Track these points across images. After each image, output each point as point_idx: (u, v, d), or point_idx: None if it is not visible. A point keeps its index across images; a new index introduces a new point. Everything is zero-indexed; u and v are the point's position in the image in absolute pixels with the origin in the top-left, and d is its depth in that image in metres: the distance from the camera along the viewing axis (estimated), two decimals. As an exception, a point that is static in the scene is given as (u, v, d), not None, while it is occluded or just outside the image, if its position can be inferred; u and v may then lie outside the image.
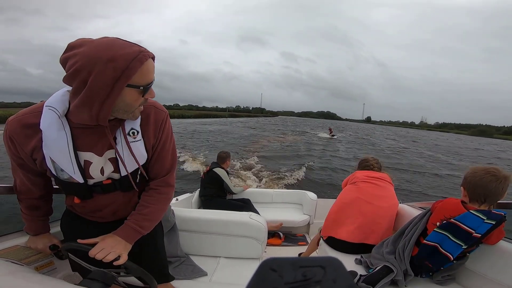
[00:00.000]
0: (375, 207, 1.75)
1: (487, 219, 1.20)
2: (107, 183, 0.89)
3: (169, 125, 0.97)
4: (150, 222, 0.95)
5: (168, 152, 0.98)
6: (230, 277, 1.53)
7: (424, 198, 6.50)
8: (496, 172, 1.26)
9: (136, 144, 0.88)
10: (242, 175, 7.42)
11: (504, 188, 1.24)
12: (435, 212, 1.39)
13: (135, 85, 0.73)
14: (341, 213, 1.82)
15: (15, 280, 0.78)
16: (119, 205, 0.96)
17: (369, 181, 1.86)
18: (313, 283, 0.18)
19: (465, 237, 1.21)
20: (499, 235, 1.25)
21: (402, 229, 1.52)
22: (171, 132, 0.99)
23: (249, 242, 1.70)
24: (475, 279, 1.31)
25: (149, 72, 0.74)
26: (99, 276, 0.84)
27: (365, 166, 2.01)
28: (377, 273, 1.36)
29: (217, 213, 1.81)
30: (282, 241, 2.76)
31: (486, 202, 1.27)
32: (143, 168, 0.93)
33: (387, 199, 1.82)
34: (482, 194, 1.26)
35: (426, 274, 1.38)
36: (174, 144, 1.02)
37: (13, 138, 0.79)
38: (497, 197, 1.26)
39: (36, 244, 1.04)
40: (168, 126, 0.96)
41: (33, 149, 0.80)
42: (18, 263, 1.01)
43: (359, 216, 1.74)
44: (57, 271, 1.18)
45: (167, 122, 0.95)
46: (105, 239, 0.87)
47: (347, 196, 1.87)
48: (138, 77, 0.72)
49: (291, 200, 3.24)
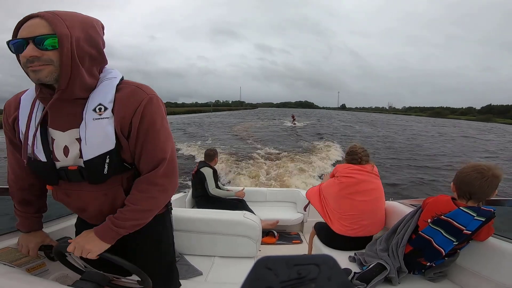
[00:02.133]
0: (356, 202, 1.77)
1: (477, 215, 1.21)
2: (72, 169, 0.81)
3: (154, 111, 0.83)
4: (128, 222, 0.83)
5: (155, 144, 0.84)
6: (225, 276, 1.54)
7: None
8: (484, 169, 1.24)
9: (102, 123, 0.77)
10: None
11: (490, 187, 1.23)
12: (426, 209, 1.41)
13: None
14: (327, 207, 1.87)
15: (6, 282, 0.77)
16: (102, 204, 0.87)
17: (350, 175, 1.83)
18: (308, 281, 0.18)
19: (456, 233, 1.23)
20: (489, 231, 1.27)
21: (394, 226, 1.54)
22: (159, 121, 0.84)
23: (244, 241, 1.70)
24: (466, 275, 1.33)
25: (22, 29, 0.70)
26: (93, 277, 0.83)
27: (353, 159, 1.91)
28: (371, 271, 1.37)
29: (211, 212, 1.80)
30: (276, 239, 2.77)
31: (472, 199, 1.28)
32: (116, 156, 0.81)
33: (369, 192, 1.81)
34: (468, 191, 1.27)
35: (418, 271, 1.40)
36: (165, 137, 0.87)
37: (5, 109, 0.87)
38: (483, 195, 1.26)
39: (28, 242, 0.98)
40: (151, 112, 0.82)
41: (14, 120, 0.85)
42: (9, 265, 1.00)
43: (341, 210, 1.79)
44: (49, 272, 1.16)
45: (148, 106, 0.81)
46: (83, 235, 0.85)
47: (329, 190, 1.90)
48: (18, 35, 0.71)
49: (284, 199, 3.25)
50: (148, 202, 0.86)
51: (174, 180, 0.91)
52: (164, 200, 0.92)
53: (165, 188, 0.88)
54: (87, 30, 0.75)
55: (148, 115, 0.81)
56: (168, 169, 0.87)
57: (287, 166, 7.63)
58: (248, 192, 3.23)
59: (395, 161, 10.29)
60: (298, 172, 7.14)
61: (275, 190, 3.44)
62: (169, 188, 0.90)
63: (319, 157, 9.26)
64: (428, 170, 8.98)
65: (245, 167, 7.76)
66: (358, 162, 1.89)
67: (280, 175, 6.66)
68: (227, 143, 12.64)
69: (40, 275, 1.11)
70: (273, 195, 3.28)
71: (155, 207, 0.89)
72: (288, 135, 16.66)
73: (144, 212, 0.87)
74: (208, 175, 2.89)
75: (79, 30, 0.73)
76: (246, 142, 13.23)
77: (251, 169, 7.47)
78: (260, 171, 7.29)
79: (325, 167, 7.75)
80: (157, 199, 0.88)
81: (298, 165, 7.76)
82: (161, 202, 0.91)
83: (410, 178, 7.93)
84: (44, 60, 0.69)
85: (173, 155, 0.90)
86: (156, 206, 0.89)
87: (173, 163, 0.89)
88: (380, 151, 12.59)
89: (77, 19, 0.74)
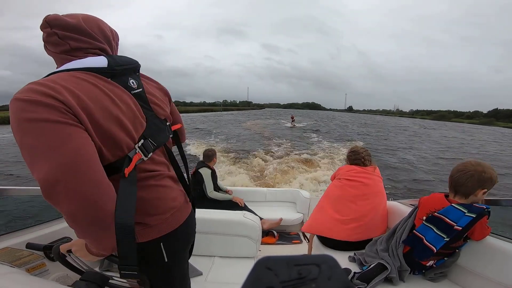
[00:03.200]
0: (359, 206, 1.75)
1: (468, 212, 1.24)
2: None
3: (12, 119, 0.58)
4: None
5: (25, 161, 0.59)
6: (225, 276, 1.53)
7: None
8: (468, 165, 1.29)
9: None
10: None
11: (470, 181, 1.26)
12: (421, 207, 1.44)
13: None
14: (326, 211, 1.83)
15: (6, 282, 0.77)
16: None
17: (353, 178, 1.82)
18: (309, 281, 0.18)
19: (447, 229, 1.25)
20: (483, 230, 1.27)
21: (394, 227, 1.55)
22: (16, 134, 0.58)
23: (244, 241, 1.70)
24: (466, 275, 1.34)
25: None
26: (93, 277, 0.83)
27: (356, 160, 1.91)
28: (372, 271, 1.38)
29: (211, 212, 1.80)
30: (276, 239, 2.77)
31: (457, 195, 1.32)
32: None
33: (372, 196, 1.79)
34: (452, 185, 1.34)
35: (418, 272, 1.41)
36: (30, 153, 0.57)
37: None
38: (465, 188, 1.29)
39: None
40: (11, 121, 0.59)
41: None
42: (9, 265, 1.00)
43: (343, 214, 1.76)
44: (49, 272, 1.16)
45: (10, 113, 0.59)
46: (79, 241, 0.79)
47: (332, 193, 1.88)
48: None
49: (284, 199, 3.25)
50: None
51: (61, 207, 0.58)
52: (70, 219, 0.60)
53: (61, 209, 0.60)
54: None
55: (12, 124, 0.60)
56: (46, 192, 0.57)
57: (287, 166, 7.70)
58: (248, 192, 3.22)
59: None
60: (298, 172, 7.18)
61: (275, 190, 3.44)
62: (63, 211, 0.59)
63: (320, 156, 9.50)
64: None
65: (245, 164, 8.05)
66: (361, 162, 1.88)
67: (283, 172, 6.77)
68: (237, 138, 14.32)
69: (40, 275, 1.11)
70: (272, 195, 3.28)
71: (76, 228, 0.63)
72: (289, 134, 17.74)
73: (78, 231, 0.64)
74: (206, 177, 2.87)
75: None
76: (253, 138, 14.73)
77: (251, 168, 7.55)
78: (262, 169, 7.41)
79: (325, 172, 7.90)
80: (67, 218, 0.61)
81: (299, 165, 7.81)
82: (73, 222, 0.61)
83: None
84: None
85: (50, 177, 0.56)
86: (76, 227, 0.62)
87: (50, 186, 0.56)
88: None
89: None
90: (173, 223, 0.84)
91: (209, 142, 12.81)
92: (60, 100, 0.59)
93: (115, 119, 0.69)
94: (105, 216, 0.61)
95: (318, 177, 6.58)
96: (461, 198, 1.32)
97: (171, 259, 0.85)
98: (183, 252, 0.92)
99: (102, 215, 0.60)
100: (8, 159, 9.09)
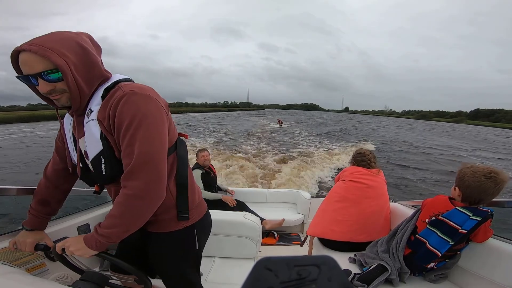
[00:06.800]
0: (363, 207, 1.75)
1: (473, 215, 1.22)
2: (82, 169, 0.90)
3: (130, 106, 0.75)
4: (107, 229, 0.78)
5: (129, 143, 0.76)
6: (225, 277, 1.53)
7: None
8: (495, 176, 1.23)
9: (90, 125, 0.80)
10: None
11: (499, 190, 1.24)
12: (424, 209, 1.42)
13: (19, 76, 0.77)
14: (330, 212, 1.82)
15: (6, 282, 0.77)
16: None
17: (358, 180, 1.82)
18: (308, 282, 0.18)
19: (451, 233, 1.24)
20: (486, 233, 1.27)
21: (395, 228, 1.54)
22: (137, 118, 0.75)
23: (244, 242, 1.70)
24: (466, 277, 1.33)
25: (22, 65, 0.73)
26: (93, 277, 0.83)
27: (362, 161, 1.90)
28: (372, 272, 1.37)
29: (211, 213, 1.80)
30: (277, 240, 2.77)
31: (478, 204, 1.28)
32: (110, 156, 0.81)
33: (376, 198, 1.79)
34: (478, 198, 1.26)
35: (419, 273, 1.40)
36: (143, 137, 0.76)
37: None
38: (491, 199, 1.27)
39: (26, 238, 0.98)
40: (127, 106, 0.75)
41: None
42: (9, 265, 1.00)
43: (347, 215, 1.75)
44: (49, 272, 1.16)
45: (124, 101, 0.76)
46: (75, 237, 0.86)
47: (336, 194, 1.87)
48: (22, 70, 0.74)
49: (285, 200, 3.25)
50: (119, 208, 0.78)
51: (151, 186, 0.77)
52: (140, 207, 0.78)
53: (137, 194, 0.76)
54: (77, 51, 0.76)
55: (123, 109, 0.75)
56: (142, 173, 0.76)
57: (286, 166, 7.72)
58: (248, 193, 3.22)
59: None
60: (297, 172, 7.18)
61: (275, 191, 3.44)
62: (144, 195, 0.77)
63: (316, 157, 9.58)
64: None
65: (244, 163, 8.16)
66: (367, 164, 1.89)
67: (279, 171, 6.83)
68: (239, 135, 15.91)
69: (40, 275, 1.11)
70: (273, 196, 3.28)
71: (128, 214, 0.78)
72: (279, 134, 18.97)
73: (118, 219, 0.78)
74: (196, 178, 2.86)
75: (71, 55, 0.74)
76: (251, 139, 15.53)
77: (250, 168, 7.58)
78: (258, 170, 7.44)
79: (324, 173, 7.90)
80: (129, 206, 0.77)
81: (296, 165, 7.82)
82: (136, 210, 0.78)
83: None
84: (59, 90, 0.77)
85: (154, 158, 0.77)
86: (130, 213, 0.78)
87: (150, 167, 0.76)
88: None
89: (63, 43, 0.74)
90: (201, 208, 1.06)
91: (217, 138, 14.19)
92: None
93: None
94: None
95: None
96: (467, 203, 1.29)
97: (200, 247, 1.05)
98: (204, 242, 1.10)
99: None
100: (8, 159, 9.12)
